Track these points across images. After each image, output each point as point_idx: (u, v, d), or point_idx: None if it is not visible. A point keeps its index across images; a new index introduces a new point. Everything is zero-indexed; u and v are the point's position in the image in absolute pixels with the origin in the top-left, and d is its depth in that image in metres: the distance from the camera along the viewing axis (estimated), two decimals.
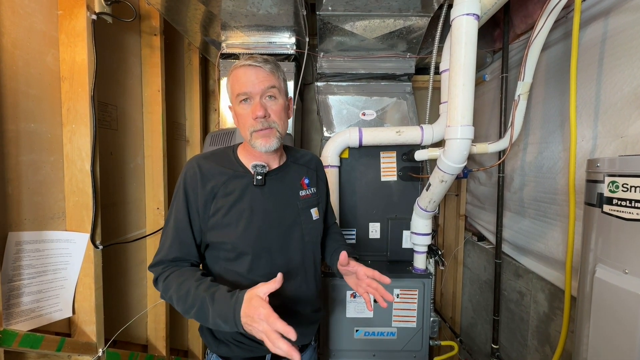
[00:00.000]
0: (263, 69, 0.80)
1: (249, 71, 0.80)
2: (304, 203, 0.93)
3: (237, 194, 0.83)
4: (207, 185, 0.82)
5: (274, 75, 0.82)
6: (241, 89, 0.80)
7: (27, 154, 0.99)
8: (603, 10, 1.15)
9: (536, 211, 1.49)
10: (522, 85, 1.33)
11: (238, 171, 0.86)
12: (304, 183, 0.95)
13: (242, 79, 0.80)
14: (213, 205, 0.82)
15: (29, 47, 0.99)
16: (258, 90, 0.79)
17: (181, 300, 0.73)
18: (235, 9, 1.34)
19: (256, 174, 0.85)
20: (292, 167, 0.95)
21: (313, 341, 1.03)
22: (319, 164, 1.04)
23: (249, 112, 0.80)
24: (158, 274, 0.81)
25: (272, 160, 0.90)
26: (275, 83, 0.82)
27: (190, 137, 1.98)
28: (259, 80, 0.79)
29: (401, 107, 1.84)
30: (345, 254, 0.86)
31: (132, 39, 1.46)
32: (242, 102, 0.81)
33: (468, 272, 2.22)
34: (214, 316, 0.69)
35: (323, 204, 1.02)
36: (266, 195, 0.86)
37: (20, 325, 0.96)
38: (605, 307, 0.77)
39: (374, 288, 0.83)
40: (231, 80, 0.83)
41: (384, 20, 1.43)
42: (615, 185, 0.74)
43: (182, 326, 1.96)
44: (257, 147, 0.82)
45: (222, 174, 0.84)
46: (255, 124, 0.80)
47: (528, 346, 1.57)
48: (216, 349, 0.89)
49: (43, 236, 1.04)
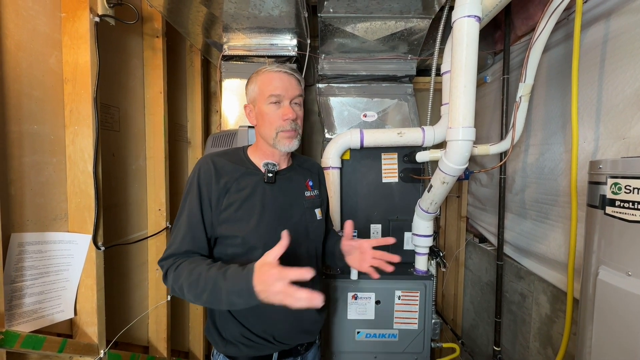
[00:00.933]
0: (295, 77, 0.90)
1: (283, 77, 0.87)
2: (309, 203, 0.97)
3: (249, 190, 0.87)
4: (221, 180, 0.86)
5: (301, 86, 0.92)
6: (275, 91, 0.86)
7: (29, 155, 0.99)
8: (604, 12, 1.15)
9: (538, 213, 1.49)
10: (523, 86, 1.33)
11: (250, 168, 0.91)
12: (308, 185, 1.00)
13: (276, 82, 0.86)
14: (225, 200, 0.85)
15: (32, 49, 0.99)
16: (290, 95, 0.87)
17: (192, 286, 0.73)
18: (237, 11, 1.34)
19: (267, 172, 0.90)
20: (297, 169, 1.00)
21: (317, 340, 1.05)
22: (320, 170, 1.10)
23: (279, 114, 0.86)
24: (169, 266, 0.81)
25: (282, 160, 0.95)
26: (302, 93, 0.92)
27: (192, 138, 1.99)
28: (292, 87, 0.87)
29: (402, 109, 1.84)
30: (351, 222, 0.91)
31: (135, 41, 1.47)
32: (272, 103, 0.86)
33: (469, 274, 2.21)
34: (228, 293, 0.69)
35: (324, 206, 1.06)
36: (276, 193, 0.91)
37: (23, 327, 0.96)
38: (609, 309, 0.77)
39: (379, 257, 0.87)
40: (262, 81, 0.88)
41: (385, 22, 1.43)
42: (618, 187, 0.74)
43: (183, 328, 1.96)
44: (280, 146, 0.88)
45: (235, 171, 0.88)
46: (285, 124, 0.86)
47: (530, 348, 1.56)
48: (224, 348, 0.90)
49: (45, 237, 1.04)
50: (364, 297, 1.50)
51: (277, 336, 0.90)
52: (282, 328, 0.90)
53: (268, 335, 0.89)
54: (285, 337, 0.91)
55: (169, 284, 0.80)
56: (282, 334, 0.91)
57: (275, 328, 0.90)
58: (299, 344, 0.96)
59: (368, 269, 0.88)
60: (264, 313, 0.87)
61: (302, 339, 0.96)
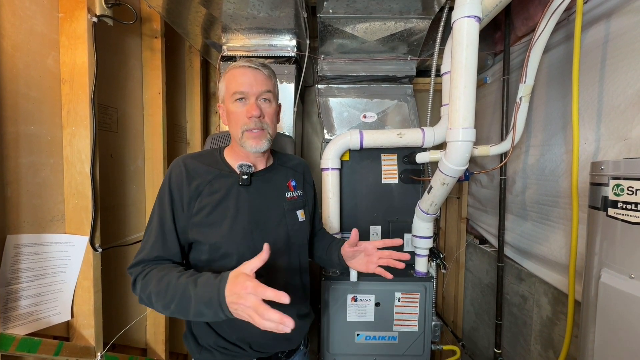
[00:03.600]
0: (262, 72, 0.83)
1: (247, 72, 0.82)
2: (290, 204, 0.93)
3: (223, 193, 0.83)
4: (192, 183, 0.82)
5: (270, 81, 0.85)
6: (238, 88, 0.81)
7: (26, 156, 0.98)
8: (605, 12, 1.15)
9: (538, 214, 1.48)
10: (523, 87, 1.32)
11: (224, 170, 0.86)
12: (290, 185, 0.95)
13: (240, 78, 0.81)
14: (197, 204, 0.81)
15: (30, 50, 0.99)
16: (255, 92, 0.81)
17: (161, 294, 0.68)
18: (236, 12, 1.34)
19: (242, 174, 0.85)
20: (278, 169, 0.96)
21: (302, 346, 1.01)
22: (306, 168, 1.05)
23: (243, 111, 0.81)
24: (137, 274, 0.75)
25: (258, 161, 0.90)
26: (271, 88, 0.85)
27: (191, 139, 1.98)
28: (257, 82, 0.82)
29: (402, 110, 1.83)
30: (356, 231, 0.86)
31: (133, 42, 1.47)
32: (237, 100, 0.82)
33: (470, 276, 2.20)
34: (197, 301, 0.63)
35: (310, 207, 1.01)
36: (252, 195, 0.86)
37: (18, 329, 0.95)
38: (611, 312, 0.76)
39: (387, 257, 0.83)
40: (227, 79, 0.84)
41: (385, 22, 1.43)
42: (620, 189, 0.73)
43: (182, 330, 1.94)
44: (247, 147, 0.83)
45: (208, 173, 0.84)
46: (249, 122, 0.81)
47: (531, 351, 1.55)
48: (198, 355, 0.86)
49: (42, 239, 1.03)
50: (364, 299, 1.49)
51: (253, 344, 0.86)
52: (258, 336, 0.85)
53: (244, 344, 0.85)
54: (261, 345, 0.87)
55: (137, 292, 0.75)
56: (259, 342, 0.86)
57: (251, 337, 0.85)
58: (278, 351, 0.92)
59: (377, 269, 0.84)
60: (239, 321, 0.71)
61: (281, 347, 0.91)
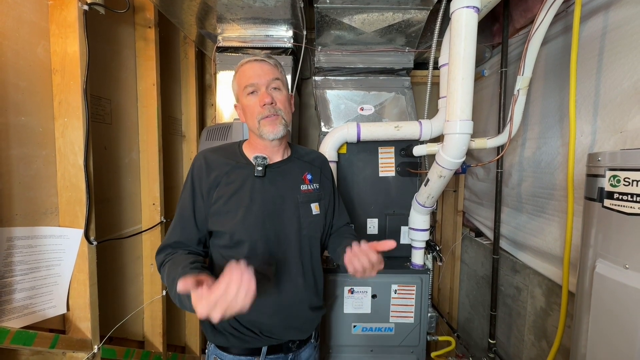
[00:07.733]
0: (268, 62, 0.88)
1: (254, 65, 0.87)
2: (305, 197, 0.94)
3: (238, 184, 0.88)
4: (212, 174, 0.88)
5: (277, 69, 0.90)
6: (248, 81, 0.86)
7: (17, 147, 0.96)
8: (604, 3, 1.14)
9: (534, 207, 1.49)
10: (521, 80, 1.31)
11: (241, 162, 0.91)
12: (306, 178, 0.97)
13: (248, 72, 0.87)
14: (216, 193, 0.87)
15: (18, 38, 0.96)
16: (264, 82, 0.86)
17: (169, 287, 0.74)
18: (231, 1, 1.31)
19: (257, 165, 0.89)
20: (295, 162, 0.98)
21: (313, 339, 1.02)
22: (325, 163, 1.06)
23: (257, 102, 0.86)
24: (160, 262, 0.84)
25: (275, 153, 0.94)
26: (279, 76, 0.89)
27: (187, 132, 1.96)
28: (264, 73, 0.86)
29: (400, 102, 1.82)
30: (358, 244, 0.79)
31: (126, 31, 1.43)
32: (249, 94, 0.87)
33: (465, 268, 2.22)
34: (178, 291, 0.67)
35: (326, 201, 1.01)
36: (266, 186, 0.90)
37: (13, 322, 0.94)
38: (605, 302, 0.77)
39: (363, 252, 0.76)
40: (238, 77, 0.90)
41: (383, 13, 1.41)
42: (617, 180, 0.73)
43: (180, 322, 1.95)
44: (265, 134, 0.87)
45: (226, 165, 0.90)
46: (263, 110, 0.85)
47: (525, 341, 1.57)
48: (213, 338, 0.91)
49: (35, 232, 1.02)
50: (360, 291, 1.50)
51: (263, 330, 0.89)
52: (269, 322, 0.89)
53: (255, 328, 0.88)
54: (272, 331, 0.90)
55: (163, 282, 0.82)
56: (269, 328, 0.89)
57: (262, 321, 0.88)
58: (289, 340, 0.94)
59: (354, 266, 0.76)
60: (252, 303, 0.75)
61: (291, 336, 0.93)
